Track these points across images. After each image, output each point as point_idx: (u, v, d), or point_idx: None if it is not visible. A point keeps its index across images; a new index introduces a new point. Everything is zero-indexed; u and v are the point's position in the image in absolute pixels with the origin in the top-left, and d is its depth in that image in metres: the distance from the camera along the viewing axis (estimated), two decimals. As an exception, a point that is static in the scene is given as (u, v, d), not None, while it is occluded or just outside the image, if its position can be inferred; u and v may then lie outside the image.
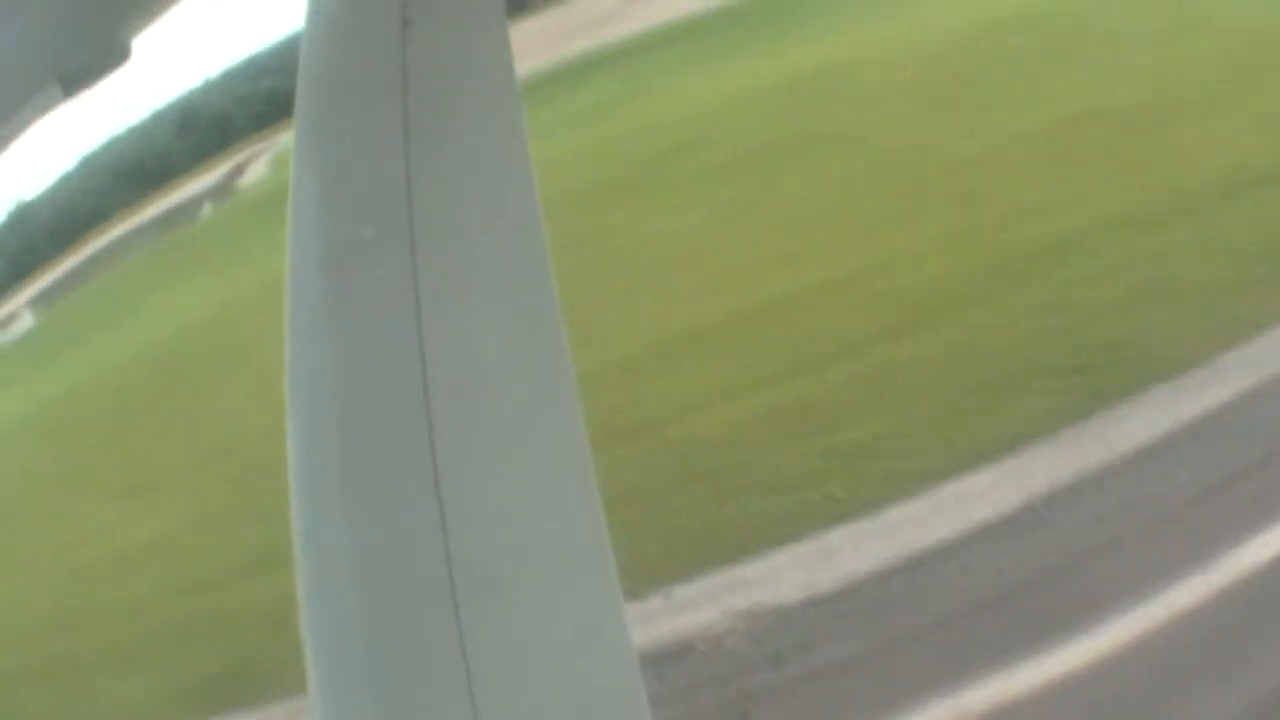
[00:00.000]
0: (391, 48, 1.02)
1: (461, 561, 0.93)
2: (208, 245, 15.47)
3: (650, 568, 5.47)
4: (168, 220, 17.56)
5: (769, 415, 6.14)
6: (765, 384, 6.40)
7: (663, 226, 8.88)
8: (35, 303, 17.75)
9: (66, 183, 18.81)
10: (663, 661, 5.07)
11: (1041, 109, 8.15)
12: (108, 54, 1.09)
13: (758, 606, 5.15)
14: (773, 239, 7.99)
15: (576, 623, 0.97)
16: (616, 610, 0.97)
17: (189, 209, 17.59)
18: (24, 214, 18.84)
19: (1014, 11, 10.11)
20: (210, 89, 18.29)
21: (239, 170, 16.58)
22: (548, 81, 13.61)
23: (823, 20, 12.02)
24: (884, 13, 11.42)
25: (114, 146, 18.93)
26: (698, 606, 5.27)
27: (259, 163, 16.08)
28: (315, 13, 1.08)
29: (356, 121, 1.04)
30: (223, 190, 16.86)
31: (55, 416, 11.75)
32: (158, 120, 19.02)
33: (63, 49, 1.08)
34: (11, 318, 17.67)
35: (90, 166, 18.85)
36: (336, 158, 1.04)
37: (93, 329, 14.27)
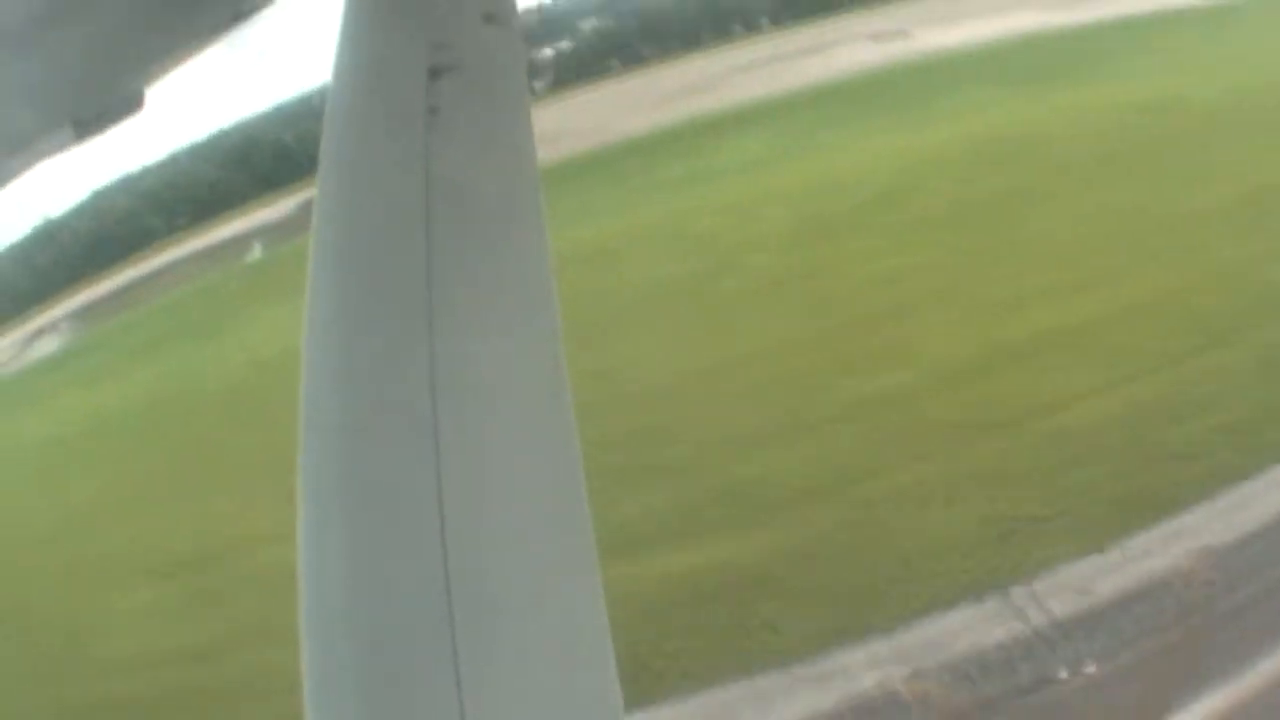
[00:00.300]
0: (415, 133, 1.05)
1: (458, 576, 0.96)
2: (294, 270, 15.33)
3: (1097, 527, 6.62)
4: (215, 254, 17.37)
5: (1136, 406, 7.30)
6: (1115, 385, 7.54)
7: (897, 264, 9.75)
8: (74, 319, 17.20)
9: (100, 204, 18.28)
10: (1150, 596, 6.19)
11: (1227, 181, 9.60)
12: (121, 101, 1.15)
13: (1205, 548, 6.42)
14: (1024, 276, 9.00)
15: (563, 634, 1.00)
16: (601, 623, 1.01)
17: (237, 245, 17.43)
18: (51, 232, 18.21)
19: (1150, 97, 11.72)
20: (269, 122, 18.26)
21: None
22: (676, 138, 14.44)
23: (947, 101, 13.32)
24: (1019, 96, 12.82)
25: (153, 174, 18.54)
26: (1155, 554, 6.39)
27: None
28: (340, 96, 1.11)
29: (378, 203, 1.06)
30: (295, 224, 16.82)
31: (167, 421, 11.88)
32: (208, 149, 18.77)
33: (77, 93, 1.12)
34: (41, 332, 17.05)
35: (125, 191, 18.40)
36: (356, 238, 1.06)
37: (179, 340, 14.14)
